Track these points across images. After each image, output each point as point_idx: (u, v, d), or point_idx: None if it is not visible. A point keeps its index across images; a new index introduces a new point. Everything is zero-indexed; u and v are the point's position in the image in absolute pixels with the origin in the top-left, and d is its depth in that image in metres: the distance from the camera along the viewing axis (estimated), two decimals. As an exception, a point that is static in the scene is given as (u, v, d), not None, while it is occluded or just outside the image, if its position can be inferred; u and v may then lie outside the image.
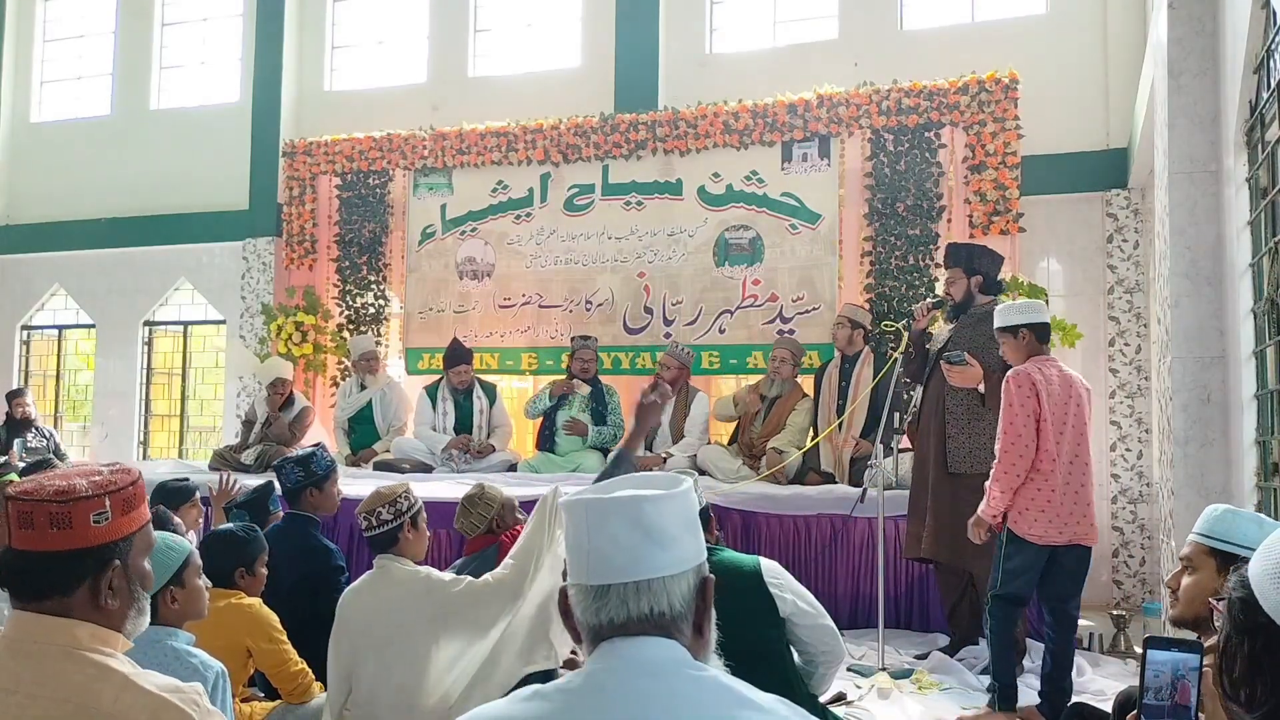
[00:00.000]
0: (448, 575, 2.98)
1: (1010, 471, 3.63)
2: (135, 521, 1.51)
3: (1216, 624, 1.30)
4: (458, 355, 6.55)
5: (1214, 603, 1.15)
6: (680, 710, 1.09)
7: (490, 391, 6.63)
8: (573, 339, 6.55)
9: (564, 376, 6.47)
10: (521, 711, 1.12)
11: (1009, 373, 3.75)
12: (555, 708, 1.11)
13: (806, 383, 6.04)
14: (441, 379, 6.66)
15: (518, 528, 3.41)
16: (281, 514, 3.85)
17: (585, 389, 6.32)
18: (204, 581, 2.40)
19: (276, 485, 3.86)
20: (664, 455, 5.90)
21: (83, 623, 1.42)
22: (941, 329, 4.70)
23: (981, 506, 3.74)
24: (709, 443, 6.10)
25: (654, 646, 1.14)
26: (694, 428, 6.10)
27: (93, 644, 1.41)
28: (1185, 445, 3.81)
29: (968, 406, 4.27)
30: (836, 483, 5.45)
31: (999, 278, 4.55)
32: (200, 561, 2.42)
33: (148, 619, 1.54)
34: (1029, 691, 3.92)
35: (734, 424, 6.09)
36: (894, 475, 4.92)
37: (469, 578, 2.94)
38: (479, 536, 3.51)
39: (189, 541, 2.55)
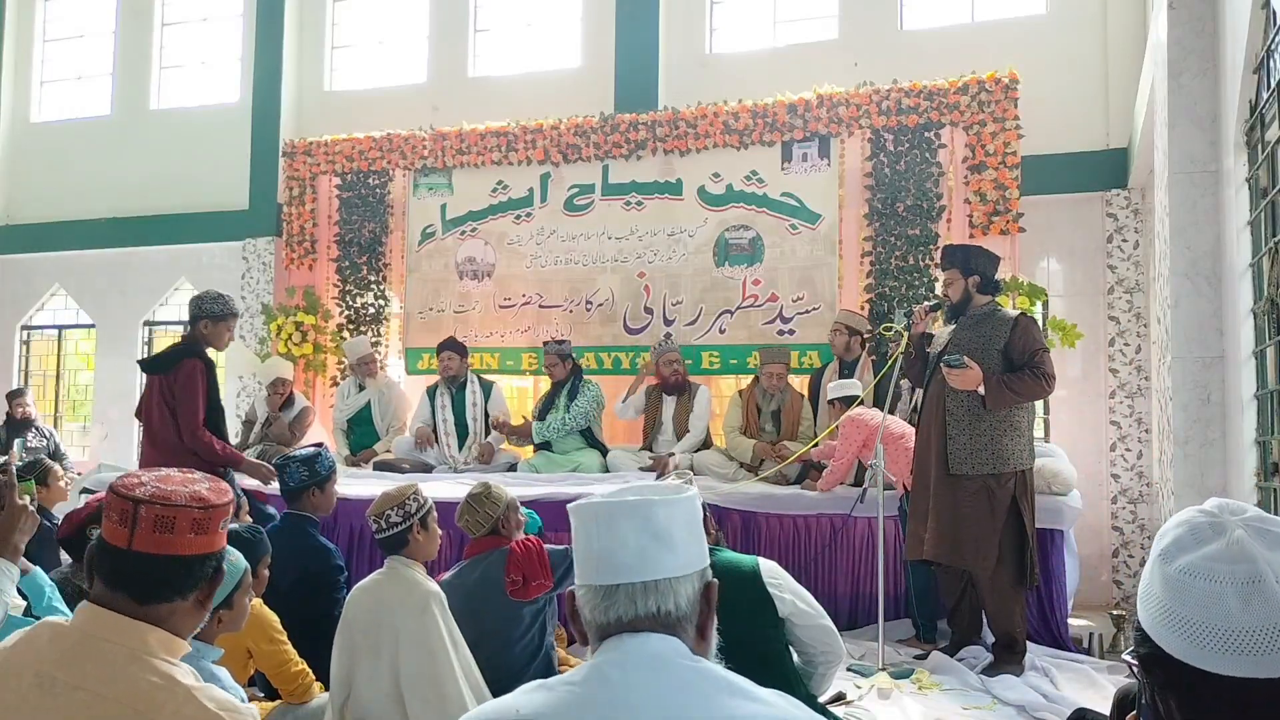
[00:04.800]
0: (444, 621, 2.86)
1: None
2: None
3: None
4: (447, 344, 6.52)
5: (1127, 659, 1.10)
6: (672, 698, 1.12)
7: (487, 388, 6.58)
8: (544, 343, 6.51)
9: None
10: (526, 703, 1.16)
11: None
12: (558, 698, 1.15)
13: (798, 382, 6.05)
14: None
15: (531, 538, 3.34)
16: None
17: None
18: (249, 600, 2.39)
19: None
20: (668, 455, 5.88)
21: (154, 628, 1.43)
22: (942, 331, 4.68)
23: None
24: (709, 445, 6.07)
25: (655, 641, 1.18)
26: (698, 423, 6.08)
27: (160, 651, 1.42)
28: (1185, 445, 3.81)
29: (968, 408, 4.26)
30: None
31: (996, 277, 4.53)
32: (251, 580, 2.41)
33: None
34: (1031, 693, 3.93)
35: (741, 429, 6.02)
36: (894, 475, 4.92)
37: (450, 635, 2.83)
38: (482, 538, 3.39)
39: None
